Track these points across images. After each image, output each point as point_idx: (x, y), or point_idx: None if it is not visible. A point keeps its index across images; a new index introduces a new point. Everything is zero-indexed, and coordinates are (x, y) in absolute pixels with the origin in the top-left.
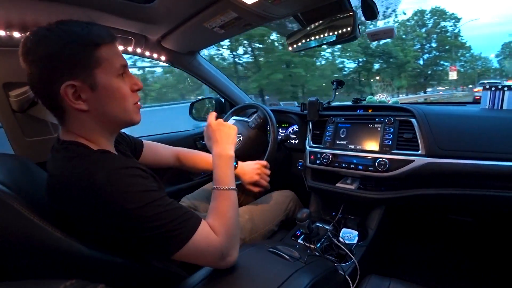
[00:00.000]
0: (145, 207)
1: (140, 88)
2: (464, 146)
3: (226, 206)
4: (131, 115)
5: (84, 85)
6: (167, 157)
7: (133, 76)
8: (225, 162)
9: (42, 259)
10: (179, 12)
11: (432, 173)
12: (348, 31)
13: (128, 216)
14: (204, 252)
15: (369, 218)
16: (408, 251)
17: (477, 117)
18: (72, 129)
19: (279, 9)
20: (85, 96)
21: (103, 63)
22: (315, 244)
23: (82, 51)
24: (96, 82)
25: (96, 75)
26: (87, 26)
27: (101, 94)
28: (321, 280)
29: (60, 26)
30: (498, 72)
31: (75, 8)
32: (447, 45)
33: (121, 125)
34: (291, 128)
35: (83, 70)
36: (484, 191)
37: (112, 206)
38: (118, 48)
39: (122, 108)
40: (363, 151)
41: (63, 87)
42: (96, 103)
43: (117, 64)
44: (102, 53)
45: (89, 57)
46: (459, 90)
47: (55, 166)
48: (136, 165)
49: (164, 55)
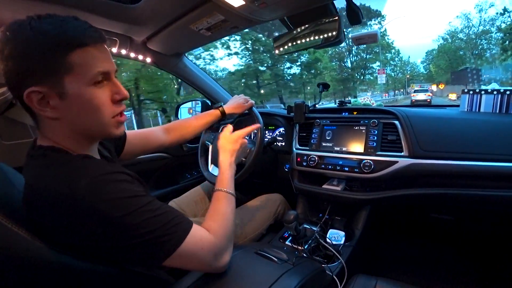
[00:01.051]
0: (132, 213)
1: (124, 98)
2: (445, 147)
3: (226, 207)
4: (108, 129)
5: (52, 92)
6: (156, 136)
7: (117, 84)
8: (230, 168)
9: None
10: (165, 14)
11: (415, 174)
12: (333, 35)
13: (115, 225)
14: (196, 255)
15: (355, 218)
16: (393, 250)
17: (457, 120)
18: (48, 134)
19: (266, 12)
20: (53, 104)
21: (74, 69)
22: (303, 246)
23: (51, 55)
24: (65, 91)
25: (65, 83)
26: (61, 25)
27: (71, 103)
28: (309, 281)
29: (31, 23)
30: (426, 76)
31: (58, 8)
32: (375, 46)
33: (99, 137)
34: (278, 130)
35: (50, 76)
36: (464, 190)
37: (97, 215)
38: (102, 51)
39: (96, 121)
40: (349, 153)
41: (26, 93)
42: (66, 112)
43: (93, 71)
44: (75, 57)
45: (58, 62)
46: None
47: (32, 174)
48: (120, 169)
49: (149, 57)
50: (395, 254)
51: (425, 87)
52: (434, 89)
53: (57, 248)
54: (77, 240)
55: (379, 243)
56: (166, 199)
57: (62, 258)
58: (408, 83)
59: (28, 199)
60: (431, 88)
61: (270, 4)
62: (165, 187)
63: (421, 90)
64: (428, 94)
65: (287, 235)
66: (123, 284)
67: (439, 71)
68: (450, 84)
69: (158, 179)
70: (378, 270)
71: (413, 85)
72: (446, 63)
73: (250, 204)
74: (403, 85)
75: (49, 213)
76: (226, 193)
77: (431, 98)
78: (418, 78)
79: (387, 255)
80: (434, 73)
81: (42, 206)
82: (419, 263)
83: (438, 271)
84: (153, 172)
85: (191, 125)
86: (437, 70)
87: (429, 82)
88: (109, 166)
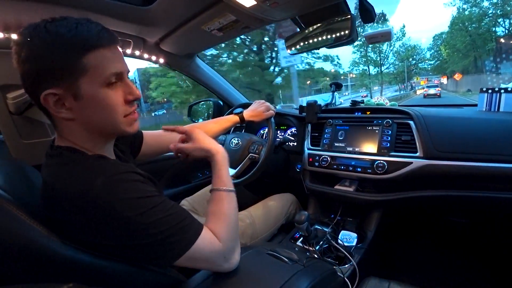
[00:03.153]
0: (145, 213)
1: (137, 98)
2: (461, 148)
3: (226, 208)
4: (122, 127)
5: (67, 94)
6: (172, 136)
7: (130, 85)
8: (224, 161)
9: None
10: (177, 15)
11: (430, 175)
12: (346, 34)
13: (127, 224)
14: (207, 256)
15: (368, 220)
16: (406, 253)
17: (475, 119)
18: (65, 135)
19: (277, 12)
20: (68, 105)
21: (89, 71)
22: (314, 247)
23: (66, 57)
24: (81, 92)
25: (80, 84)
26: (76, 27)
27: (86, 104)
28: (320, 283)
29: (47, 26)
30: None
31: (72, 10)
32: None
33: (114, 135)
34: (290, 130)
35: (66, 79)
36: (481, 192)
37: (111, 214)
38: (114, 52)
39: (110, 120)
40: (361, 153)
41: (42, 95)
42: (81, 112)
43: (106, 72)
44: (90, 59)
45: (74, 64)
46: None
47: (49, 172)
48: (134, 169)
49: (162, 58)
50: (407, 257)
51: (432, 81)
52: (444, 82)
53: (72, 244)
54: (91, 237)
55: (392, 246)
56: (178, 198)
57: (76, 254)
58: (410, 75)
59: (45, 196)
60: (439, 82)
61: (282, 3)
62: (177, 186)
63: (432, 86)
64: (438, 89)
65: (298, 235)
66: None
67: (453, 55)
68: (472, 74)
69: (170, 178)
70: (390, 273)
71: (418, 78)
72: (465, 41)
73: (261, 204)
74: (402, 78)
75: (65, 210)
76: (227, 191)
77: (440, 92)
78: (424, 70)
79: (400, 258)
80: (447, 58)
81: (58, 203)
82: (432, 267)
83: (453, 276)
84: (165, 171)
85: (210, 129)
86: (451, 54)
87: (437, 74)
88: (124, 166)
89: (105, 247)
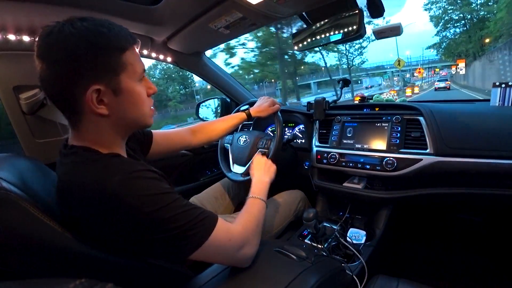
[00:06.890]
0: (162, 209)
1: (155, 92)
2: (473, 144)
3: (256, 210)
4: (147, 119)
5: (108, 90)
6: (182, 137)
7: (149, 80)
8: (263, 185)
9: (51, 258)
10: (184, 13)
11: (440, 172)
12: (354, 29)
13: (146, 220)
14: (223, 247)
15: (377, 217)
16: (416, 251)
17: (487, 115)
18: (85, 134)
19: (284, 8)
20: (107, 101)
21: (127, 67)
22: (322, 244)
23: (109, 55)
24: (121, 87)
25: (121, 80)
26: (113, 28)
27: (123, 99)
28: (328, 280)
29: (84, 24)
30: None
31: (82, 11)
32: None
33: (135, 129)
34: (298, 127)
35: (109, 75)
36: (494, 190)
37: (128, 210)
38: (136, 51)
39: (141, 112)
40: (370, 150)
41: (89, 91)
42: (117, 107)
43: (139, 69)
44: (128, 57)
45: (116, 61)
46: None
47: (64, 171)
48: (149, 167)
49: (170, 56)
50: (418, 256)
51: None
52: (453, 72)
53: (85, 241)
54: (107, 234)
55: (401, 244)
56: (187, 195)
57: (89, 250)
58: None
59: (61, 194)
60: (447, 73)
61: None
62: (185, 184)
63: (442, 79)
64: (448, 82)
65: (307, 233)
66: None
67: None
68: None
69: (179, 175)
70: (399, 271)
71: (421, 68)
72: None
73: (270, 201)
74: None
75: (82, 207)
76: (261, 200)
77: (449, 85)
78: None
79: (409, 256)
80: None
81: (74, 200)
82: (443, 266)
83: (463, 275)
84: (174, 169)
85: (217, 128)
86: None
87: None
88: (138, 164)
89: (121, 244)
